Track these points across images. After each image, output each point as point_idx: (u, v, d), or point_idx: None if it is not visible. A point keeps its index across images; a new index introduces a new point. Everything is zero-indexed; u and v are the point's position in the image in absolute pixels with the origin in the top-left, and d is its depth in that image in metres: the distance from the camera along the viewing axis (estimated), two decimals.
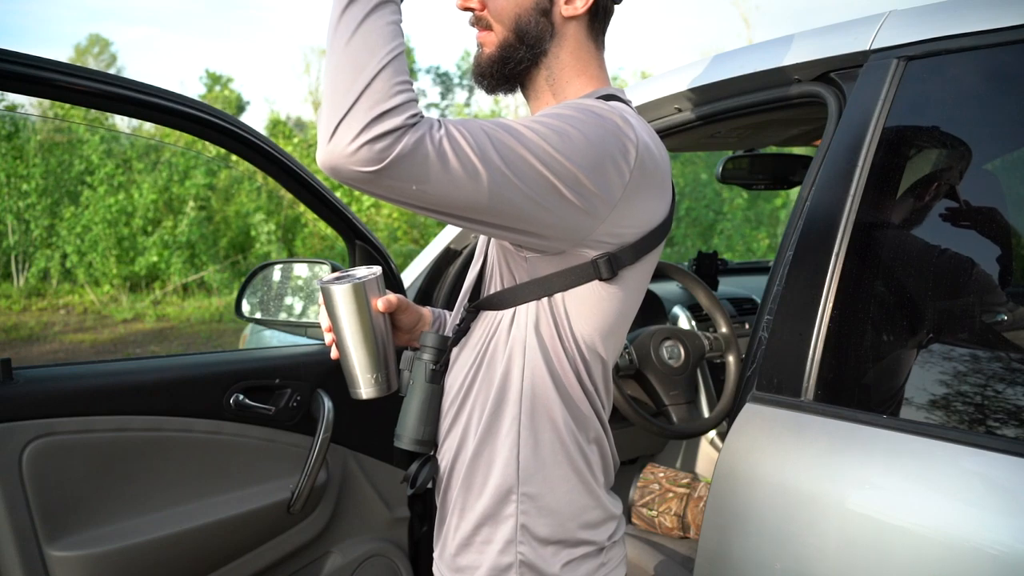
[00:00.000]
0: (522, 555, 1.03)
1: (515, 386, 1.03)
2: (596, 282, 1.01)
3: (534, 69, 1.10)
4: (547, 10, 1.06)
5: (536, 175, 0.90)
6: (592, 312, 1.03)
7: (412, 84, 0.88)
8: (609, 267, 1.00)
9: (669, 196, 1.07)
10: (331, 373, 1.73)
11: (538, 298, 1.03)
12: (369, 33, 0.87)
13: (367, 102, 0.84)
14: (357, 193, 12.10)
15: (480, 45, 1.11)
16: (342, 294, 1.06)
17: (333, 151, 0.85)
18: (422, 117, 0.86)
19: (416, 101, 0.87)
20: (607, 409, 1.11)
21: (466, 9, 1.09)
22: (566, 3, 1.06)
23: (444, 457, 1.12)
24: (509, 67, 1.09)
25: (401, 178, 0.85)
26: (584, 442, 1.06)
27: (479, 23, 1.10)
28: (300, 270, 2.03)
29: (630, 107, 1.09)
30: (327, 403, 1.66)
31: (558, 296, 1.02)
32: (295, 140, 12.08)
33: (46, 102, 10.31)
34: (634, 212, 1.00)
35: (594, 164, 0.93)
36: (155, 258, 9.94)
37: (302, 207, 10.50)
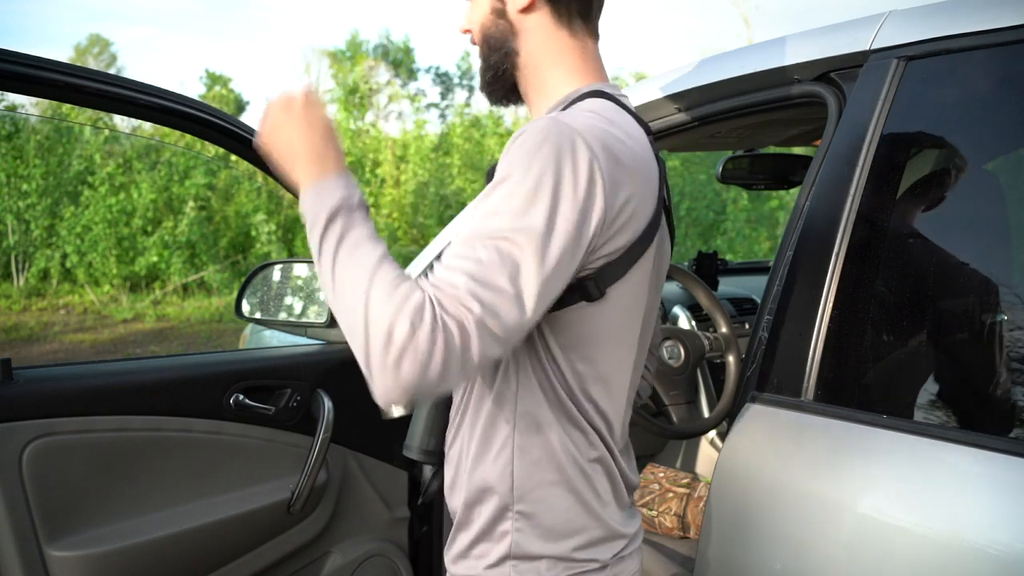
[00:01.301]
0: (515, 569, 1.03)
1: (508, 405, 1.02)
2: (584, 303, 0.98)
3: (517, 73, 1.10)
4: (501, 11, 1.07)
5: (548, 280, 0.89)
6: (582, 332, 1.00)
7: (402, 273, 0.87)
8: (596, 287, 0.97)
9: (650, 192, 1.01)
10: (331, 373, 1.73)
11: None
12: (344, 273, 0.88)
13: (377, 348, 0.83)
14: None
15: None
16: None
17: (384, 399, 0.86)
18: (433, 315, 0.83)
19: (415, 287, 0.85)
20: (616, 426, 1.07)
21: (466, 32, 1.14)
22: None
23: (448, 468, 1.12)
24: (491, 75, 1.10)
25: (453, 373, 0.85)
26: (584, 461, 1.03)
27: (473, 42, 1.13)
28: (300, 270, 2.02)
29: (614, 99, 1.04)
30: (327, 403, 1.66)
31: (547, 316, 0.98)
32: None
33: (46, 102, 10.32)
34: (615, 228, 0.96)
35: (581, 232, 0.91)
36: (155, 258, 9.95)
37: None
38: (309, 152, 0.97)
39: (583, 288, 0.97)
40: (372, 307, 0.84)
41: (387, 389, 0.84)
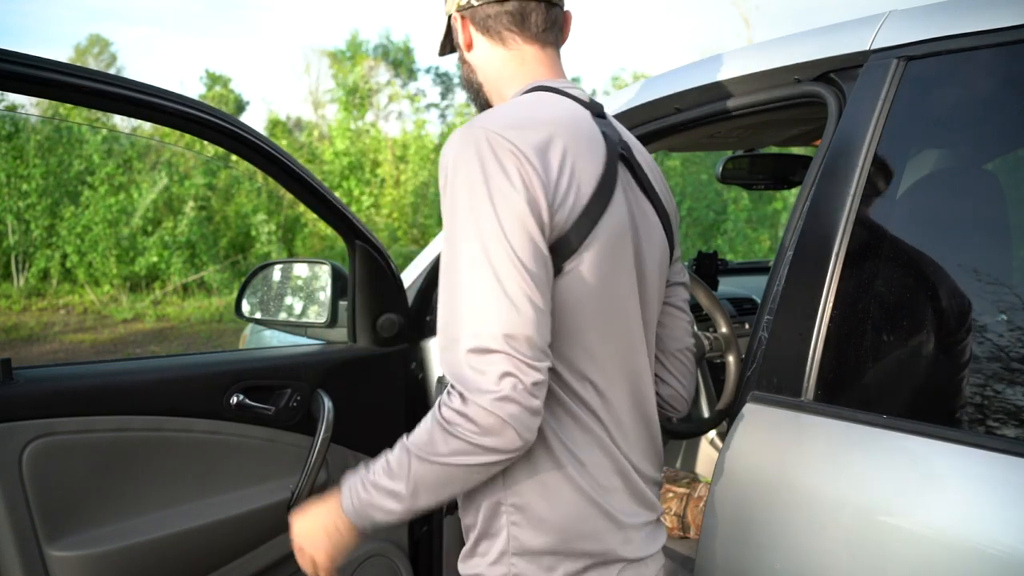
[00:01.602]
0: (515, 567, 1.02)
1: None
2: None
3: (490, 102, 1.22)
4: (462, 57, 1.24)
5: (535, 267, 0.95)
6: (553, 310, 1.00)
7: (420, 423, 0.99)
8: (553, 263, 0.98)
9: (589, 155, 1.04)
10: (331, 373, 1.73)
11: None
12: (418, 479, 0.98)
13: (491, 445, 0.93)
14: (357, 193, 12.13)
15: None
16: None
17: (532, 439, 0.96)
18: (468, 377, 0.92)
19: (432, 408, 0.97)
20: (616, 405, 1.07)
21: None
22: (462, 42, 1.21)
23: None
24: (477, 107, 1.25)
25: (527, 388, 0.92)
26: (577, 448, 1.03)
27: None
28: (300, 270, 2.02)
29: (552, 89, 1.12)
30: (327, 403, 1.66)
31: None
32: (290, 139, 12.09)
33: (46, 102, 10.33)
34: (561, 191, 0.98)
35: (534, 204, 0.96)
36: (155, 258, 9.95)
37: (302, 207, 10.51)
38: (323, 519, 1.11)
39: None
40: (446, 454, 0.95)
41: (527, 436, 0.93)
